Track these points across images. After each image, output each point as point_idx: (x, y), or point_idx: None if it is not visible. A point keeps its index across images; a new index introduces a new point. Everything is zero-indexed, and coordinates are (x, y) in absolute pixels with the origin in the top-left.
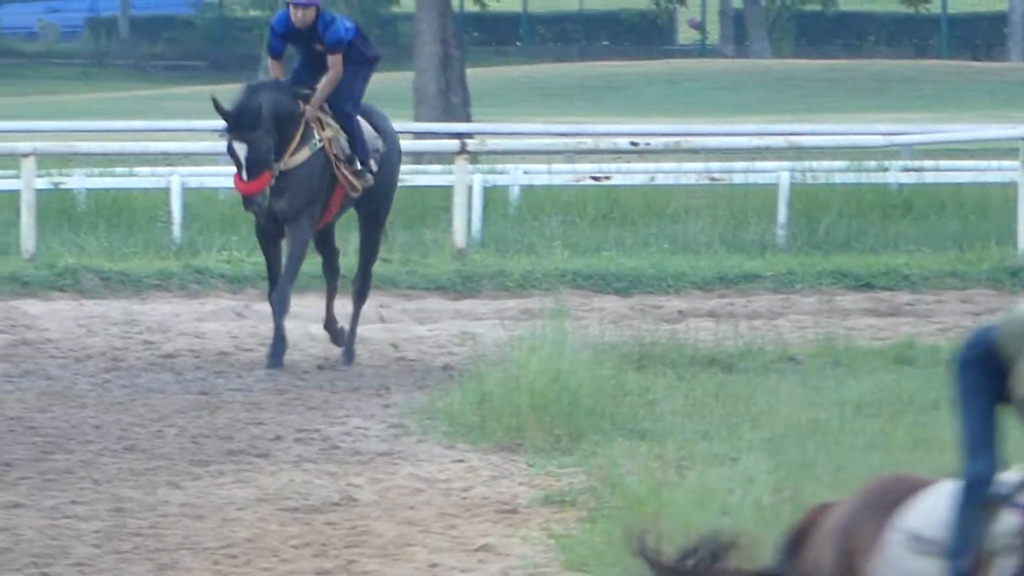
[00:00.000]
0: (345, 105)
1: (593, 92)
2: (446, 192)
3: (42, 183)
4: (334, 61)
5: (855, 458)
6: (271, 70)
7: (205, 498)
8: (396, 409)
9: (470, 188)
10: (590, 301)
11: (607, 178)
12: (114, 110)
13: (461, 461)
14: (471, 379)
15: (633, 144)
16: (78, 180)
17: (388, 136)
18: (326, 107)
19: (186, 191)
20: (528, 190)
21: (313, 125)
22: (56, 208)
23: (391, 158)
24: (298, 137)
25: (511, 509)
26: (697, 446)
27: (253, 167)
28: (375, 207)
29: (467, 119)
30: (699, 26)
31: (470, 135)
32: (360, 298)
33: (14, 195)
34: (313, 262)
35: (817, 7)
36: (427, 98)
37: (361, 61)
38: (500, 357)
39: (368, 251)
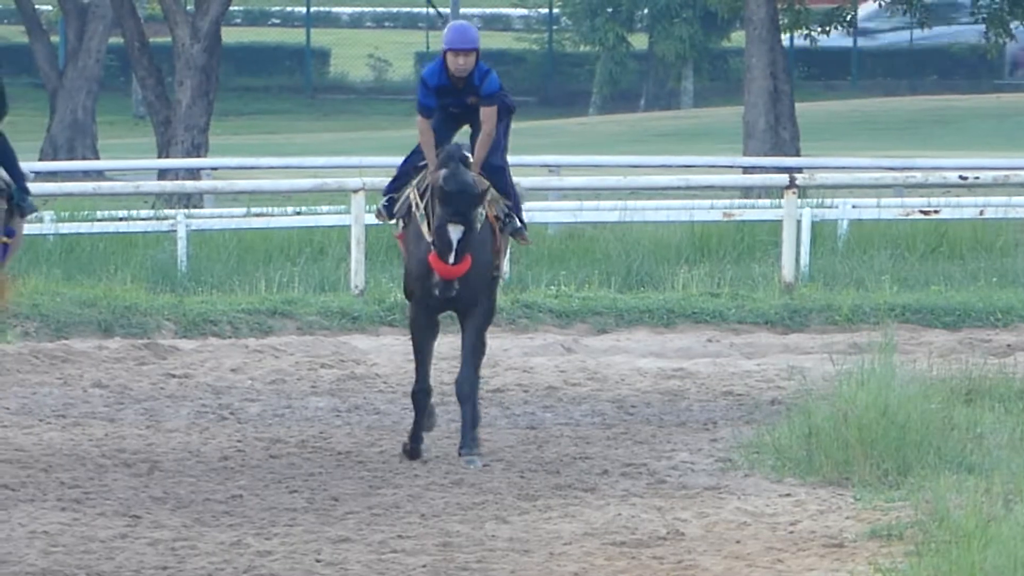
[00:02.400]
0: (496, 158)
1: (922, 126)
2: (774, 226)
3: (372, 218)
4: (489, 114)
5: None
6: (421, 132)
7: (532, 532)
8: (723, 443)
9: (799, 222)
10: (918, 335)
11: (936, 212)
12: None
13: (788, 495)
14: (799, 413)
15: (962, 178)
16: None
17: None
18: None
19: None
20: (857, 224)
21: None
22: (385, 244)
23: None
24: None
25: (838, 543)
26: None
27: (463, 251)
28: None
29: (796, 153)
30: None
31: (799, 169)
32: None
33: (344, 230)
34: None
35: None
36: (756, 132)
37: (504, 111)
38: (828, 391)
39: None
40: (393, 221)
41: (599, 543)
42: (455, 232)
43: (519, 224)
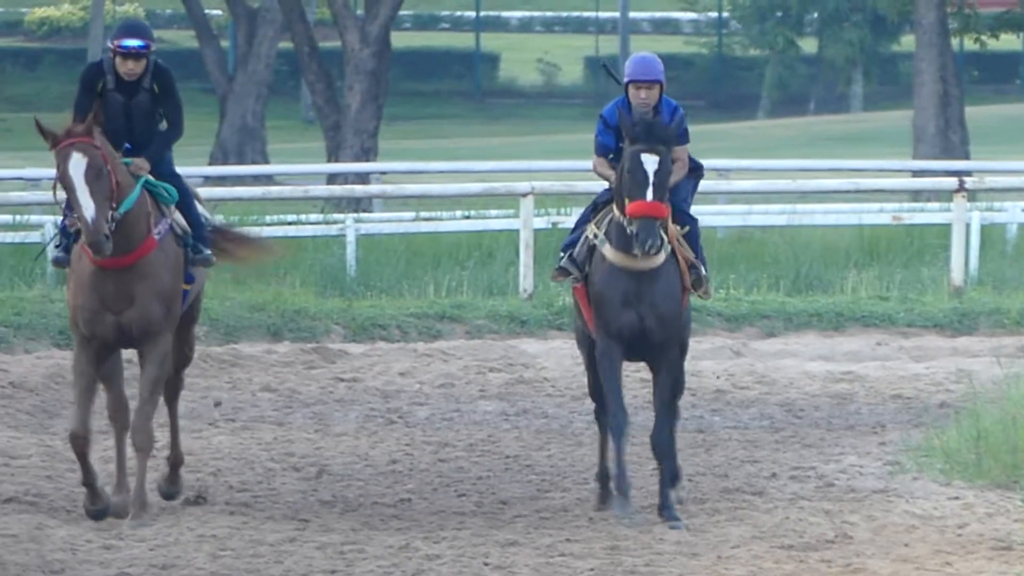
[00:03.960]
0: (686, 204)
1: None
2: (944, 230)
3: (540, 222)
4: (681, 152)
5: None
6: (597, 168)
7: (700, 536)
8: (892, 447)
9: (968, 226)
10: None
11: None
12: None
13: (957, 498)
14: (967, 416)
15: None
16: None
17: None
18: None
19: None
20: None
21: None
22: (555, 247)
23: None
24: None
25: (1006, 546)
26: None
27: (660, 188)
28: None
29: (966, 156)
30: None
31: (968, 173)
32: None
33: (513, 234)
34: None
35: None
36: (926, 136)
37: (694, 169)
38: (997, 394)
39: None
40: (572, 276)
41: (767, 546)
42: (650, 162)
43: (703, 271)
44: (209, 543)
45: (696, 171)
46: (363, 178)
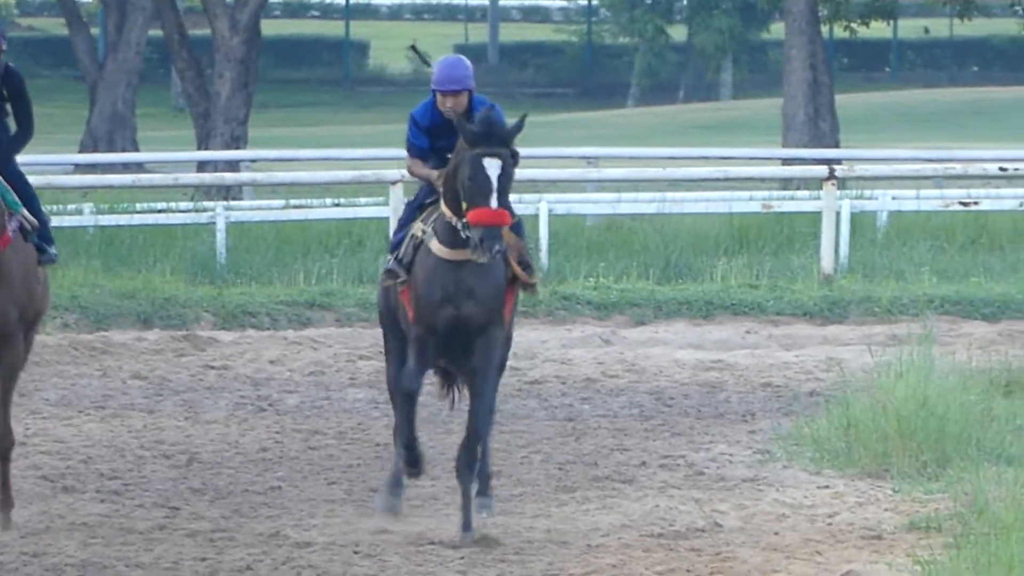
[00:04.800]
0: (508, 200)
1: (962, 118)
2: (814, 218)
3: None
4: None
5: None
6: (413, 168)
7: (570, 524)
8: (762, 435)
9: (838, 214)
10: (958, 327)
11: (976, 203)
12: None
13: (827, 487)
14: (837, 405)
15: (1002, 169)
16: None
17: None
18: None
19: (553, 217)
20: (896, 216)
21: None
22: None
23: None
24: None
25: (876, 535)
26: None
27: (504, 193)
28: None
29: (835, 145)
30: None
31: (838, 161)
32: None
33: (383, 222)
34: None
35: None
36: (796, 124)
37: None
38: (867, 383)
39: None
40: (402, 279)
41: (637, 535)
42: (493, 167)
43: (529, 264)
44: (80, 531)
45: (514, 158)
46: (233, 166)
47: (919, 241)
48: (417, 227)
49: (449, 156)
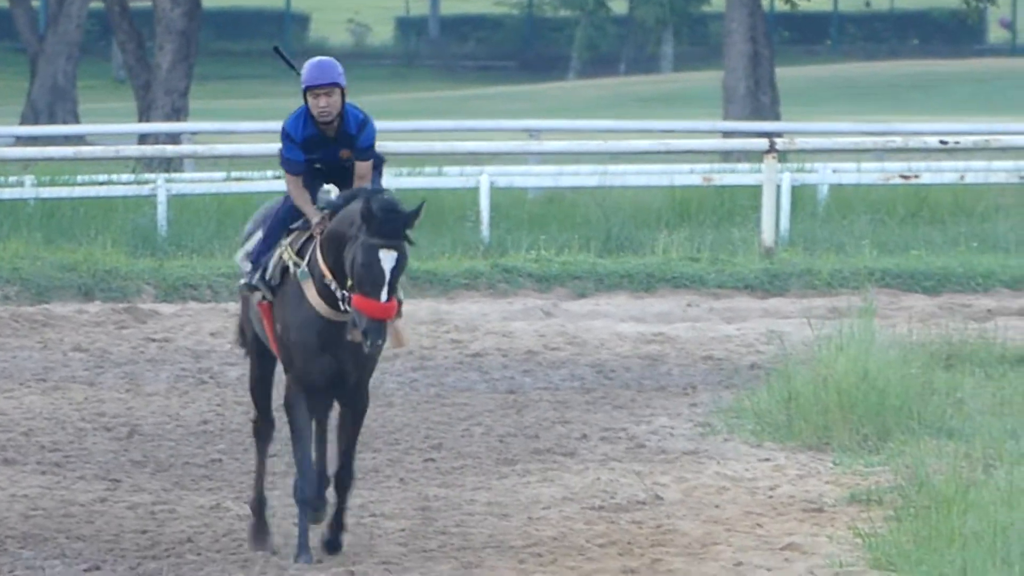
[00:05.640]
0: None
1: (902, 91)
2: (754, 191)
3: None
4: (366, 170)
5: None
6: (291, 188)
7: (511, 497)
8: (703, 408)
9: (778, 187)
10: (898, 300)
11: (916, 177)
12: (423, 110)
13: (768, 460)
14: (778, 378)
15: (943, 143)
16: (388, 180)
17: None
18: None
19: (495, 190)
20: (837, 189)
21: None
22: None
23: None
24: None
25: (817, 508)
26: (1005, 445)
27: (395, 285)
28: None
29: (776, 118)
30: (1010, 25)
31: (779, 134)
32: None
33: None
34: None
35: None
36: (736, 97)
37: (376, 166)
38: (808, 356)
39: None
40: (260, 294)
41: (578, 507)
42: (388, 260)
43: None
44: (21, 503)
45: (379, 166)
46: (174, 138)
47: (860, 214)
48: (287, 253)
49: (319, 167)
